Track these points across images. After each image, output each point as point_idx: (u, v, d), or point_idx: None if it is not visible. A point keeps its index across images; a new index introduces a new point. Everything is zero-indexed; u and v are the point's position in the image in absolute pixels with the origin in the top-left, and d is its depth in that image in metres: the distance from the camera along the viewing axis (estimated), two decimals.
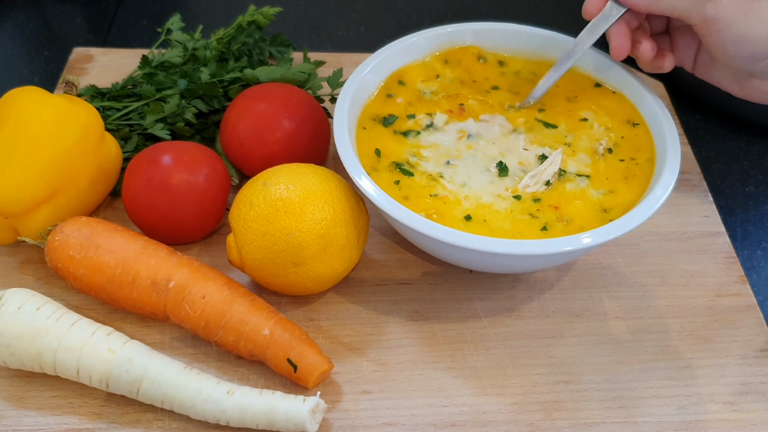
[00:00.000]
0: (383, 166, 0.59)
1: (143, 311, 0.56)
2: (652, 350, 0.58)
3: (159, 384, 0.51)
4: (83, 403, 0.53)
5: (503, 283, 0.62)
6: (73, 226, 0.57)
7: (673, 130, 0.59)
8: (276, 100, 0.64)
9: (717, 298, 0.62)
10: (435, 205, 0.56)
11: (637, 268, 0.64)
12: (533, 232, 0.55)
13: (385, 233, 0.65)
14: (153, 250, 0.56)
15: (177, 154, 0.60)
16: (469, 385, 0.55)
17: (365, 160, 0.59)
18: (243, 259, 0.56)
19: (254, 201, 0.55)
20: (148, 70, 0.70)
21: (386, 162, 0.59)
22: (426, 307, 0.60)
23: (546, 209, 0.56)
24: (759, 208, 0.73)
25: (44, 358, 0.52)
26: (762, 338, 0.59)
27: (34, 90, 0.59)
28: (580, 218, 0.56)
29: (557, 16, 0.94)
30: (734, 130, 0.80)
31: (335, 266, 0.56)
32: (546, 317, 0.60)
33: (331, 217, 0.55)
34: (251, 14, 0.75)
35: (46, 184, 0.57)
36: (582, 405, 0.55)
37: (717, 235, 0.67)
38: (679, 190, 0.70)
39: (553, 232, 0.55)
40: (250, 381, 0.55)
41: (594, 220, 0.56)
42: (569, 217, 0.56)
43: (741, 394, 0.56)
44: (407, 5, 0.96)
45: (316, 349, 0.54)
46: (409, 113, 0.63)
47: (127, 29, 0.90)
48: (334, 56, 0.82)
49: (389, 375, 0.56)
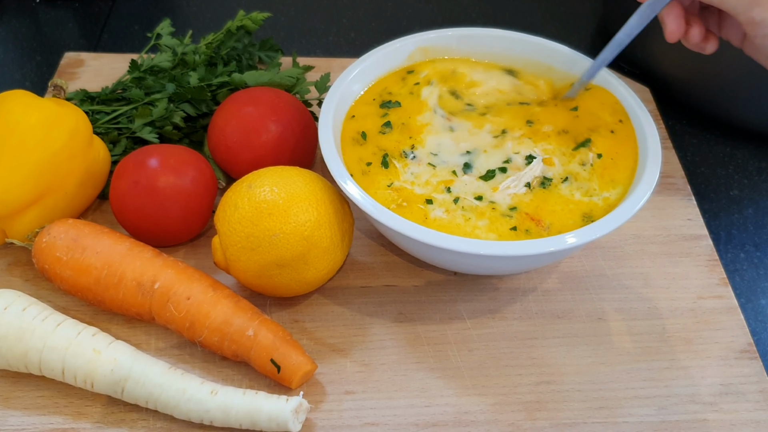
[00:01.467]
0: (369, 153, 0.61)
1: (129, 312, 0.56)
2: (633, 351, 0.59)
3: (143, 384, 0.52)
4: (68, 403, 0.54)
5: (487, 285, 0.63)
6: (60, 228, 0.57)
7: (654, 132, 0.60)
8: (263, 104, 0.65)
9: (699, 300, 0.62)
10: (402, 196, 0.57)
11: (620, 270, 0.64)
12: (511, 234, 0.55)
13: (371, 236, 0.66)
14: (139, 252, 0.57)
15: (164, 157, 0.61)
16: (452, 385, 0.56)
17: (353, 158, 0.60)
18: (228, 260, 0.56)
19: (239, 203, 0.55)
20: (137, 74, 0.71)
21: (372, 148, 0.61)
22: (410, 309, 0.61)
23: (524, 218, 0.57)
24: (743, 211, 0.73)
25: (30, 358, 0.52)
26: (743, 340, 0.60)
27: (22, 93, 0.60)
28: (560, 223, 0.57)
29: (545, 23, 0.95)
30: (719, 134, 0.81)
31: (319, 268, 0.57)
32: (529, 319, 0.60)
33: (316, 219, 0.55)
34: (240, 19, 0.76)
35: (33, 186, 0.58)
36: (563, 405, 0.55)
37: (700, 238, 0.67)
38: (663, 193, 0.70)
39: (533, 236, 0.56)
40: (234, 381, 0.55)
41: (575, 224, 0.57)
42: (550, 222, 0.56)
43: (721, 395, 0.56)
44: (397, 11, 0.97)
45: (299, 350, 0.54)
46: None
47: (119, 34, 0.91)
48: (324, 61, 0.82)
49: (372, 375, 0.56)
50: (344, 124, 0.63)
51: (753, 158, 0.79)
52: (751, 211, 0.74)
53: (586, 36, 0.93)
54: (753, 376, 0.57)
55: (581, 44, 0.63)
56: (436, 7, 0.98)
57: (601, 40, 0.91)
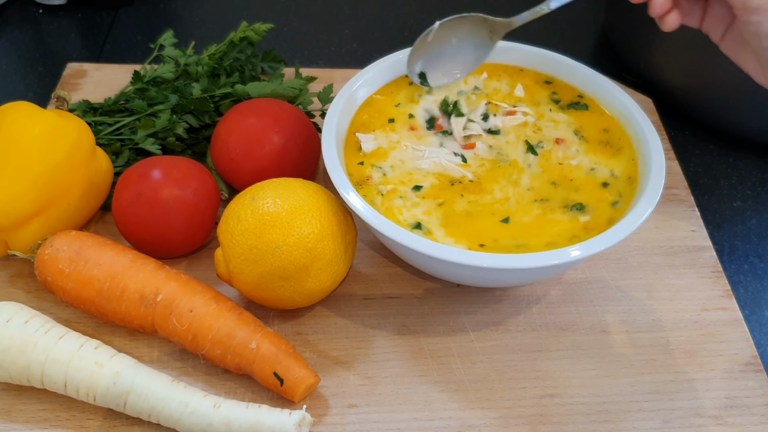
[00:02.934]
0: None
1: (131, 325, 0.56)
2: (637, 364, 0.58)
3: (146, 397, 0.51)
4: (70, 416, 0.53)
5: (490, 298, 0.62)
6: (62, 240, 0.57)
7: (658, 143, 0.60)
8: (266, 115, 0.65)
9: (703, 312, 0.62)
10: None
11: (623, 282, 0.64)
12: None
13: (374, 247, 0.66)
14: (141, 264, 0.57)
15: (167, 169, 0.61)
16: (456, 398, 0.56)
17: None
18: (231, 273, 0.56)
19: (242, 215, 0.55)
20: (140, 85, 0.71)
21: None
22: (413, 321, 0.60)
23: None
24: (746, 223, 0.73)
25: (32, 371, 0.52)
26: (747, 352, 0.60)
27: (25, 105, 0.60)
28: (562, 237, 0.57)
29: (547, 33, 0.95)
30: (722, 145, 0.81)
31: (323, 280, 0.56)
32: (532, 331, 0.60)
33: (319, 231, 0.55)
34: (243, 30, 0.76)
35: (36, 198, 0.58)
36: (567, 419, 0.55)
37: (703, 250, 0.67)
38: (666, 204, 0.70)
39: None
40: (237, 394, 0.55)
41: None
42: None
43: (726, 408, 0.56)
44: (399, 22, 0.97)
45: (302, 363, 0.54)
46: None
47: (122, 45, 0.91)
48: (326, 72, 0.82)
49: (376, 389, 0.56)
50: (347, 135, 0.63)
51: (756, 169, 0.79)
52: (755, 222, 0.73)
53: (588, 47, 0.93)
54: (758, 389, 0.57)
55: (583, 54, 0.63)
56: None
57: (603, 51, 0.91)
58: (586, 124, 0.64)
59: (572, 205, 0.58)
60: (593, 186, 0.60)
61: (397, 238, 0.53)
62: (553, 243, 0.55)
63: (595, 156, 0.62)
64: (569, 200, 0.59)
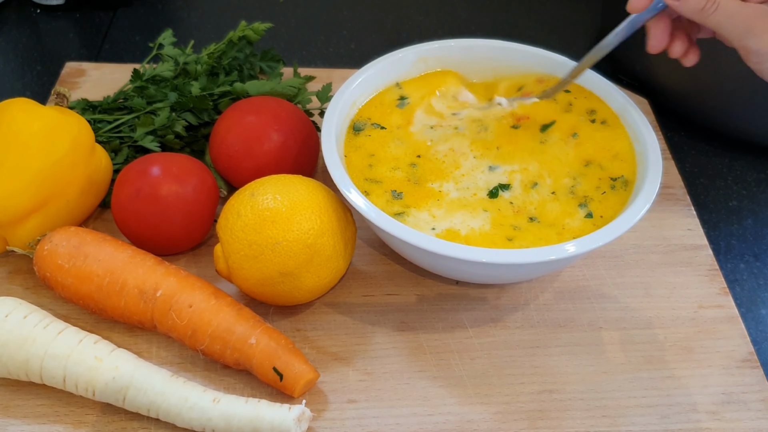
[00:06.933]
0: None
1: (131, 320, 0.56)
2: (635, 360, 0.59)
3: (145, 392, 0.51)
4: (69, 411, 0.53)
5: (489, 294, 0.63)
6: (61, 236, 0.57)
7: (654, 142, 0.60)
8: (265, 113, 0.65)
9: (700, 310, 0.63)
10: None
11: (620, 280, 0.64)
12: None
13: (373, 244, 0.66)
14: (141, 260, 0.57)
15: (166, 166, 0.61)
16: (454, 394, 0.56)
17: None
18: (230, 269, 0.56)
19: (242, 211, 0.55)
20: (139, 83, 0.71)
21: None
22: (412, 318, 0.61)
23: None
24: (742, 222, 0.74)
25: (31, 366, 0.52)
26: (744, 349, 0.60)
27: (24, 101, 0.60)
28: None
29: (545, 34, 0.96)
30: (718, 146, 0.81)
31: (322, 276, 0.57)
32: (531, 328, 0.60)
33: (318, 228, 0.55)
34: (242, 30, 0.77)
35: (35, 194, 0.58)
36: (566, 414, 0.55)
37: (700, 248, 0.67)
38: (663, 203, 0.71)
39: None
40: (236, 390, 0.55)
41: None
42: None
43: (723, 404, 0.56)
44: (397, 23, 0.98)
45: (302, 358, 0.54)
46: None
47: (120, 44, 0.91)
48: (324, 71, 0.83)
49: (375, 384, 0.56)
50: (347, 133, 0.63)
51: (752, 169, 0.79)
52: (751, 221, 0.74)
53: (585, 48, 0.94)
54: (755, 385, 0.57)
55: (579, 55, 0.64)
56: (435, 20, 0.99)
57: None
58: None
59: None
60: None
61: (396, 234, 0.53)
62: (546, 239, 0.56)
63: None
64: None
